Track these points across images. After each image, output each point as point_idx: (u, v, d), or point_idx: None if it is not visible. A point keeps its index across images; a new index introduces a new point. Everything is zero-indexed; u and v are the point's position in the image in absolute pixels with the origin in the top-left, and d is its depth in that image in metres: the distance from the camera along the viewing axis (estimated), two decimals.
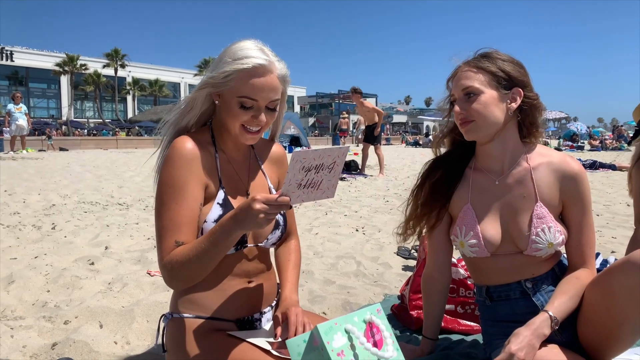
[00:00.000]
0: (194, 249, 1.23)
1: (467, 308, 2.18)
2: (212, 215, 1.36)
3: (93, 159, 14.59)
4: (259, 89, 1.33)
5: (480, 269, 1.63)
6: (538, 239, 1.49)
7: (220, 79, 1.33)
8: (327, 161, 1.20)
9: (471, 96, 1.49)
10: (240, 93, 1.33)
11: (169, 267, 1.27)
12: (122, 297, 2.64)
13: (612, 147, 22.55)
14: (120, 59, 55.68)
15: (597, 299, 1.41)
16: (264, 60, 1.33)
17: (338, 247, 3.89)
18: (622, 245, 3.78)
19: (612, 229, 4.50)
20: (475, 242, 1.54)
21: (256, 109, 1.36)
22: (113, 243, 3.87)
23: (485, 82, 1.49)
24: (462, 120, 1.51)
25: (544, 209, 1.51)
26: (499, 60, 1.52)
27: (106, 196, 6.53)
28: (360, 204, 6.14)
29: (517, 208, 1.54)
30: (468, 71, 1.51)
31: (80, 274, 3.02)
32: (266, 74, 1.33)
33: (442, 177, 1.64)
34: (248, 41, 1.38)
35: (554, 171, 1.54)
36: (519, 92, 1.51)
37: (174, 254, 1.26)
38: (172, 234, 1.29)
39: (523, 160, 1.56)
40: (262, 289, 1.51)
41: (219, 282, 1.42)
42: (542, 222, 1.50)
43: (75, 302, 2.55)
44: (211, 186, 1.39)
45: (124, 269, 3.18)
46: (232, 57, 1.33)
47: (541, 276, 1.55)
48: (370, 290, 2.84)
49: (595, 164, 11.21)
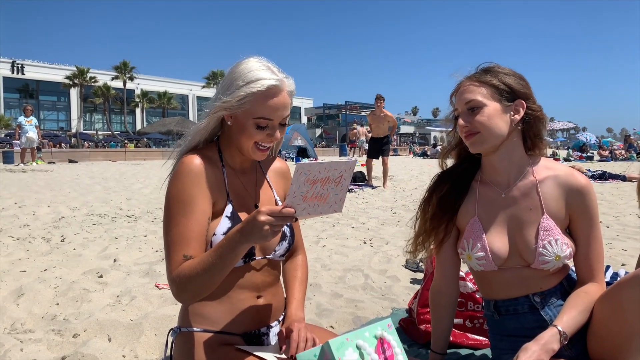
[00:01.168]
0: (202, 263, 1.25)
1: (476, 322, 2.17)
2: (220, 228, 1.38)
3: (102, 171, 14.70)
4: (274, 109, 1.37)
5: (488, 282, 1.63)
6: (545, 251, 1.49)
7: (234, 103, 1.35)
8: (334, 174, 1.21)
9: (475, 110, 1.50)
10: (256, 114, 1.36)
11: (178, 280, 1.28)
12: (131, 310, 2.65)
13: (622, 158, 22.39)
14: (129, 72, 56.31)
15: (606, 313, 1.40)
16: (276, 80, 1.36)
17: (346, 259, 3.88)
18: (632, 257, 3.74)
19: (623, 241, 4.46)
20: (482, 254, 1.54)
21: (271, 128, 1.39)
22: (121, 255, 3.89)
23: (487, 95, 1.50)
24: (467, 133, 1.52)
25: (551, 221, 1.51)
26: (501, 74, 1.54)
27: (115, 208, 6.57)
28: (368, 215, 6.13)
29: (524, 221, 1.54)
30: (470, 85, 1.53)
31: (89, 287, 3.04)
32: (279, 93, 1.37)
33: (449, 190, 1.66)
34: (253, 60, 1.41)
35: (560, 185, 1.54)
36: (521, 103, 1.52)
37: (183, 268, 1.28)
38: (181, 248, 1.31)
39: (529, 173, 1.57)
40: (271, 303, 1.51)
41: (227, 295, 1.43)
42: (548, 234, 1.50)
43: (84, 315, 2.57)
44: (219, 200, 1.42)
45: (133, 281, 3.20)
46: (243, 80, 1.35)
47: (549, 290, 1.55)
48: (378, 303, 2.84)
49: (605, 175, 11.13)
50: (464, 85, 1.55)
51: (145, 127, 49.21)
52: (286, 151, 24.83)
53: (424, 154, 30.05)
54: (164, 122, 43.89)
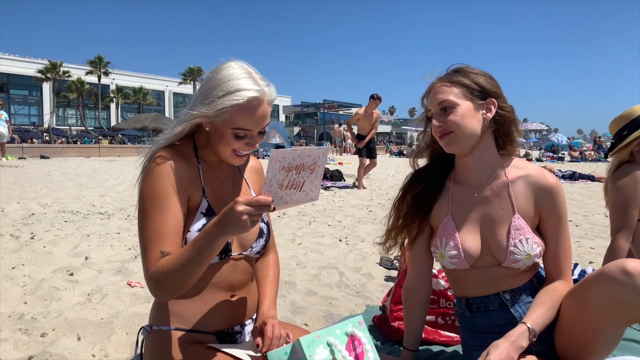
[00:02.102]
0: (180, 258, 1.23)
1: (448, 319, 2.19)
2: (196, 225, 1.36)
3: (75, 167, 14.39)
4: (254, 121, 1.34)
5: (460, 280, 1.65)
6: (516, 249, 1.51)
7: (212, 113, 1.32)
8: (308, 162, 1.21)
9: (447, 110, 1.52)
10: (234, 125, 1.33)
11: (155, 277, 1.25)
12: (102, 308, 2.60)
13: (592, 159, 22.97)
14: (103, 67, 55.14)
15: (573, 310, 1.44)
16: (256, 92, 1.32)
17: (321, 257, 3.89)
18: (600, 255, 3.84)
19: (591, 240, 4.58)
20: (455, 253, 1.56)
21: (250, 137, 1.37)
22: (93, 253, 3.81)
23: (459, 94, 1.52)
24: (441, 132, 1.53)
25: (522, 220, 1.54)
26: (471, 74, 1.56)
27: (87, 205, 6.44)
28: (344, 213, 6.15)
29: (496, 220, 1.56)
30: (442, 86, 1.55)
31: (58, 285, 2.97)
32: (259, 105, 1.33)
33: (423, 189, 1.67)
34: (234, 66, 1.36)
35: (530, 184, 1.57)
36: (492, 102, 1.55)
37: (160, 265, 1.25)
38: (157, 245, 1.28)
39: (501, 174, 1.59)
40: (245, 302, 1.50)
41: (201, 294, 1.41)
42: (519, 233, 1.52)
43: (52, 314, 2.51)
44: (194, 196, 1.39)
45: (104, 279, 3.14)
46: (223, 90, 1.31)
47: (519, 288, 1.57)
48: (352, 301, 2.84)
49: (575, 175, 11.42)
50: (435, 86, 1.57)
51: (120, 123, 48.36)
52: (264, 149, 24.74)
53: (401, 153, 30.28)
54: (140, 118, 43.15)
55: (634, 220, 2.18)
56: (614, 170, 2.33)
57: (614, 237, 2.22)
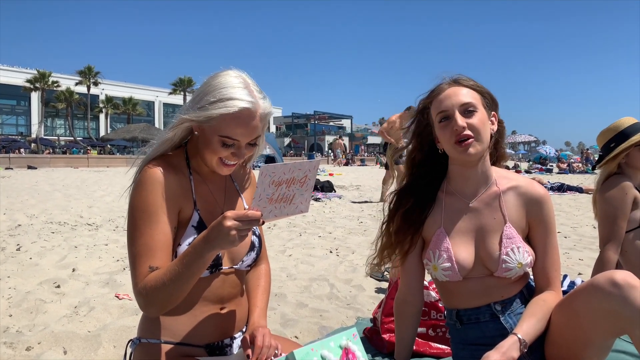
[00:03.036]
0: (169, 273, 1.21)
1: (439, 331, 2.19)
2: (186, 238, 1.34)
3: (63, 177, 14.26)
4: (242, 133, 1.31)
5: (451, 292, 1.64)
6: (508, 258, 1.51)
7: (202, 118, 1.30)
8: (298, 175, 1.20)
9: (470, 112, 1.49)
10: (222, 133, 1.31)
11: (144, 292, 1.24)
12: (89, 321, 2.56)
13: (579, 170, 23.22)
14: (93, 77, 54.84)
15: (563, 321, 1.44)
16: (249, 103, 1.30)
17: (312, 269, 3.87)
18: (588, 267, 3.87)
19: (579, 251, 4.61)
20: (448, 265, 1.55)
21: (237, 147, 1.35)
22: (81, 265, 3.77)
23: (478, 100, 1.52)
24: (463, 136, 1.47)
25: (513, 230, 1.55)
26: (480, 84, 1.57)
27: (75, 216, 6.38)
28: (335, 225, 6.15)
29: (488, 230, 1.57)
30: (460, 88, 1.52)
31: (45, 298, 2.93)
32: (250, 117, 1.31)
33: (413, 204, 1.65)
34: (232, 74, 1.35)
35: (520, 194, 1.58)
36: (495, 115, 1.57)
37: (149, 279, 1.24)
38: (146, 259, 1.26)
39: (493, 184, 1.60)
40: (234, 315, 1.49)
41: (191, 307, 1.39)
42: (511, 242, 1.53)
43: (38, 327, 2.47)
44: (185, 209, 1.38)
45: (92, 292, 3.10)
46: (215, 96, 1.29)
47: (510, 298, 1.57)
48: (343, 313, 2.83)
49: (563, 187, 11.51)
50: (450, 88, 1.53)
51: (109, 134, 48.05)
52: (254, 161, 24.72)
53: None
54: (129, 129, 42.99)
55: (622, 231, 2.21)
56: (602, 182, 2.36)
57: (602, 249, 2.24)
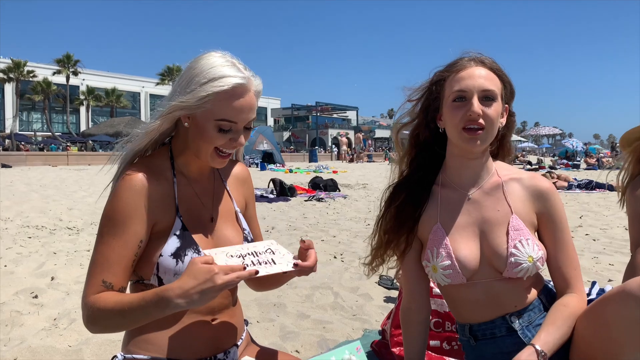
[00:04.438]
0: (120, 304, 1.23)
1: (454, 344, 2.19)
2: (168, 248, 1.34)
3: (40, 177, 14.31)
4: (239, 111, 1.33)
5: (459, 301, 1.63)
6: (516, 251, 1.49)
7: (193, 102, 1.31)
8: (259, 248, 1.30)
9: (489, 100, 1.48)
10: (218, 116, 1.32)
11: (89, 309, 1.26)
12: (69, 334, 2.58)
13: (610, 166, 23.06)
14: (72, 66, 55.01)
15: (590, 330, 1.43)
16: (242, 78, 1.32)
17: (314, 276, 3.88)
18: (620, 273, 3.86)
19: (610, 255, 4.60)
20: (448, 263, 1.53)
21: (235, 132, 1.36)
22: (60, 273, 3.78)
23: (499, 89, 1.51)
24: (476, 124, 1.47)
25: (520, 221, 1.54)
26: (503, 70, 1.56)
27: (54, 219, 6.40)
28: (339, 227, 6.15)
29: (492, 223, 1.55)
30: (484, 70, 1.51)
31: (21, 309, 2.94)
32: (245, 93, 1.33)
33: (406, 198, 1.65)
34: (215, 55, 1.37)
35: (525, 188, 1.58)
36: (507, 108, 1.57)
37: (100, 299, 1.26)
38: (101, 271, 1.29)
39: (494, 174, 1.60)
40: (227, 326, 1.49)
41: (178, 319, 1.39)
42: (519, 234, 1.51)
43: (14, 342, 2.48)
44: (166, 217, 1.38)
45: (72, 302, 3.11)
46: (205, 77, 1.31)
47: (526, 308, 1.56)
48: (348, 324, 2.84)
49: (591, 184, 11.47)
50: (477, 66, 1.52)
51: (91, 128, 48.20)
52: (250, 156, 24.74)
53: None
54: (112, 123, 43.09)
55: None
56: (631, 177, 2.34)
57: (633, 253, 2.23)
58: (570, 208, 8.08)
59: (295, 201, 9.07)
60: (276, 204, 8.73)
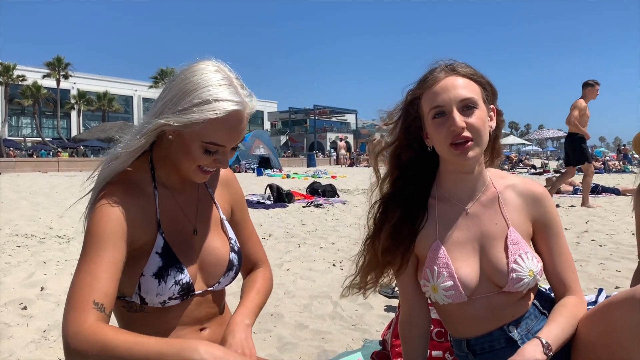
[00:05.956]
0: (131, 343, 1.09)
1: None
2: (150, 268, 1.32)
3: (29, 183, 14.29)
4: (229, 137, 1.30)
5: (455, 317, 1.61)
6: (517, 267, 1.48)
7: (183, 123, 1.26)
8: None
9: (470, 109, 1.44)
10: (207, 139, 1.28)
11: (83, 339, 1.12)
12: (59, 347, 2.56)
13: (616, 169, 23.18)
14: (63, 69, 54.99)
15: (595, 335, 1.42)
16: (238, 104, 1.28)
17: (312, 285, 3.87)
18: (627, 279, 3.85)
19: (616, 261, 4.60)
20: (450, 284, 1.50)
21: (221, 154, 1.33)
22: (50, 283, 3.77)
23: (479, 94, 1.47)
24: (462, 138, 1.42)
25: (518, 234, 1.53)
26: (481, 74, 1.53)
27: (44, 227, 6.39)
28: (338, 234, 6.15)
29: (490, 237, 1.54)
30: (457, 79, 1.47)
31: (9, 321, 2.93)
32: (239, 120, 1.30)
33: (402, 215, 1.59)
34: (211, 67, 1.31)
35: (519, 194, 1.57)
36: (493, 109, 1.55)
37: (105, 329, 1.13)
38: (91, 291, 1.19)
39: (490, 185, 1.58)
40: (217, 335, 1.49)
41: (167, 333, 1.38)
42: (518, 247, 1.50)
43: (3, 355, 2.47)
44: (147, 234, 1.34)
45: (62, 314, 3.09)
46: (199, 97, 1.25)
47: (522, 316, 1.55)
48: (348, 335, 2.83)
49: (598, 188, 11.46)
50: (449, 78, 1.47)
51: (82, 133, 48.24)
52: (246, 161, 24.72)
53: None
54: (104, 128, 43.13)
55: None
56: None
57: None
58: (576, 213, 8.09)
59: (293, 207, 9.07)
60: (273, 210, 8.72)
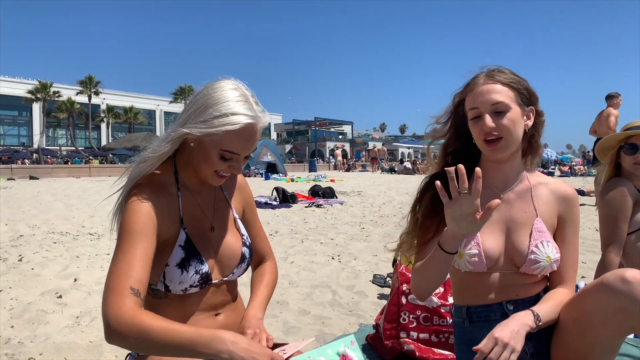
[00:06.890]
0: (167, 329, 1.11)
1: (441, 336, 2.18)
2: (174, 258, 1.33)
3: (64, 187, 14.28)
4: (244, 146, 1.33)
5: (467, 286, 1.61)
6: (537, 250, 1.50)
7: (204, 133, 1.28)
8: None
9: (501, 112, 1.47)
10: (224, 147, 1.31)
11: (124, 322, 1.11)
12: (91, 331, 2.56)
13: (581, 173, 23.19)
14: (94, 86, 55.01)
15: (571, 320, 1.43)
16: (252, 118, 1.30)
17: (313, 275, 3.86)
18: (591, 270, 3.85)
19: (582, 254, 4.59)
20: (476, 252, 1.51)
21: (236, 161, 1.36)
22: (83, 275, 3.76)
23: (512, 98, 1.49)
24: (492, 136, 1.47)
25: (543, 224, 1.55)
26: (519, 77, 1.54)
27: (77, 226, 6.38)
28: (337, 231, 6.14)
29: (518, 222, 1.56)
30: (494, 85, 1.50)
31: (46, 308, 2.92)
32: (253, 132, 1.32)
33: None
34: (230, 85, 1.34)
35: (552, 192, 1.59)
36: (532, 109, 1.55)
37: (143, 314, 1.13)
38: (127, 278, 1.18)
39: (525, 178, 1.60)
40: (231, 320, 1.48)
41: (185, 319, 1.38)
42: (541, 235, 1.52)
43: (40, 338, 2.46)
44: (171, 229, 1.36)
45: (93, 301, 3.09)
46: (219, 111, 1.28)
47: (524, 299, 1.55)
48: (345, 320, 2.82)
49: None
50: (485, 83, 1.50)
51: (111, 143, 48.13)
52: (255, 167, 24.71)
53: (392, 170, 30.31)
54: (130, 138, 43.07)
55: (623, 234, 2.20)
56: (603, 184, 2.36)
57: (604, 251, 2.24)
58: None
59: (296, 207, 9.05)
60: (279, 210, 8.71)
